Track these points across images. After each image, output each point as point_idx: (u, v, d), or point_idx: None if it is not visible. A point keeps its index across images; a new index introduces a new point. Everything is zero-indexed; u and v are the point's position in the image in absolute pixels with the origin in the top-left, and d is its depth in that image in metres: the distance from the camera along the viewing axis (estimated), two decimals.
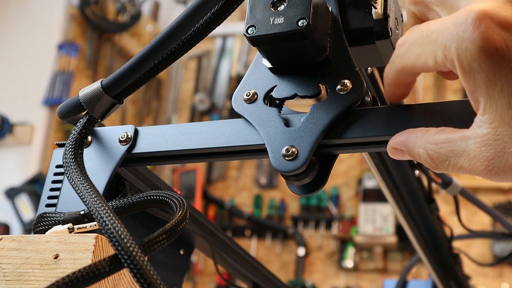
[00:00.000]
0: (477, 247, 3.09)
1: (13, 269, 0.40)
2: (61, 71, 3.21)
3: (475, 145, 0.31)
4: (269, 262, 3.46)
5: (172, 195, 0.42)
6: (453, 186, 0.85)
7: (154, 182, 0.55)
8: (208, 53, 4.14)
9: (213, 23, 0.43)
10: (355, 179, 3.46)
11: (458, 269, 1.04)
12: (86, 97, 0.47)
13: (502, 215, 1.04)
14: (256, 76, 0.45)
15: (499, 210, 3.04)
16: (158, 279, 0.33)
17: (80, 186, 0.41)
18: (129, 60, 0.45)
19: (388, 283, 1.25)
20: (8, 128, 3.02)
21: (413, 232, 0.83)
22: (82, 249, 0.39)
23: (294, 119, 0.42)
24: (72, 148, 0.45)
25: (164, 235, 0.36)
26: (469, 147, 0.32)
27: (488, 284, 3.00)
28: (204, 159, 0.47)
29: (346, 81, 0.41)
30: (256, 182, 3.69)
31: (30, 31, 3.27)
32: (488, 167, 0.31)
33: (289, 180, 0.42)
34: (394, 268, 3.24)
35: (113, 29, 3.58)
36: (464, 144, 0.32)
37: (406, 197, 0.79)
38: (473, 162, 0.31)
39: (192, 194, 3.61)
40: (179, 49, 0.44)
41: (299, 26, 0.40)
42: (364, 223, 3.14)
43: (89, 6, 3.39)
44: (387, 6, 0.43)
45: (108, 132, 0.50)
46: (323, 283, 3.36)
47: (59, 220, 0.45)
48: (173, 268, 0.65)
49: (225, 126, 0.45)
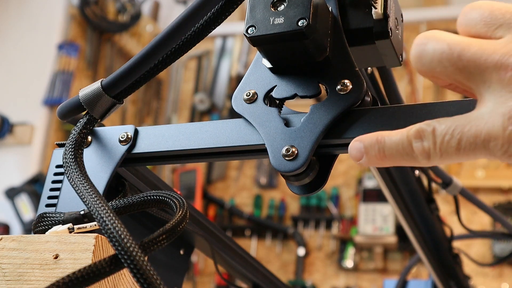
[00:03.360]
0: (477, 247, 3.09)
1: (13, 269, 0.40)
2: (61, 71, 3.21)
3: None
4: (269, 262, 3.46)
5: (172, 195, 0.42)
6: (453, 186, 0.85)
7: (154, 182, 0.55)
8: (208, 53, 4.14)
9: (213, 23, 0.43)
10: (355, 179, 3.46)
11: (458, 269, 1.04)
12: (86, 97, 0.47)
13: (502, 215, 1.04)
14: (256, 76, 0.45)
15: (499, 210, 3.04)
16: (158, 279, 0.33)
17: (80, 186, 0.41)
18: (129, 60, 0.45)
19: (388, 283, 1.25)
20: (8, 128, 3.02)
21: (413, 232, 0.83)
22: (82, 249, 0.39)
23: (294, 119, 0.42)
24: (72, 148, 0.45)
25: (164, 235, 0.36)
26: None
27: (488, 284, 3.00)
28: (204, 159, 0.47)
29: (346, 81, 0.41)
30: (256, 182, 3.69)
31: (30, 31, 3.27)
32: None
33: (289, 180, 0.42)
34: (394, 268, 3.24)
35: (113, 29, 3.58)
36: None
37: (406, 197, 0.79)
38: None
39: (192, 194, 3.61)
40: (179, 49, 0.44)
41: (299, 26, 0.40)
42: (364, 223, 3.14)
43: (89, 6, 3.39)
44: (387, 6, 0.43)
45: (108, 132, 0.50)
46: (323, 283, 3.36)
47: (59, 220, 0.45)
48: (173, 268, 0.65)
49: (225, 126, 0.45)
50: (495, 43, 0.31)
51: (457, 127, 0.31)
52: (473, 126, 0.31)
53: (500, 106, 0.30)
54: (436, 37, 0.33)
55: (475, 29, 0.33)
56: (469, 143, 0.31)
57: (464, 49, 0.31)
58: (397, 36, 0.45)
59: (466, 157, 0.31)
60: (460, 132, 0.31)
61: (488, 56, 0.31)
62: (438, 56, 0.32)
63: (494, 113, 0.30)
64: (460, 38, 0.32)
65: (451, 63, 0.32)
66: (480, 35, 0.33)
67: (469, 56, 0.31)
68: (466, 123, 0.31)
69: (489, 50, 0.31)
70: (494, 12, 0.32)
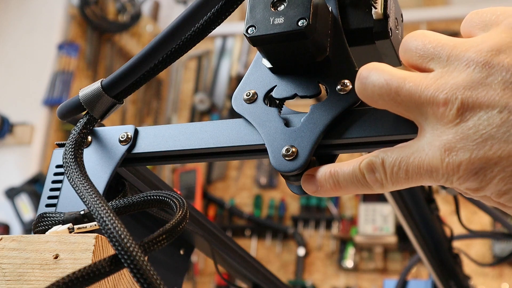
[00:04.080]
0: (477, 247, 3.09)
1: (13, 269, 0.40)
2: (61, 71, 3.21)
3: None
4: (269, 262, 3.46)
5: (172, 195, 0.42)
6: None
7: (154, 182, 0.55)
8: (208, 53, 4.14)
9: (213, 23, 0.43)
10: None
11: (458, 269, 1.04)
12: (86, 97, 0.47)
13: (502, 215, 1.04)
14: (256, 76, 0.45)
15: (499, 210, 3.03)
16: (158, 279, 0.33)
17: (80, 186, 0.41)
18: (129, 60, 0.45)
19: (388, 283, 1.25)
20: (8, 128, 3.02)
21: (413, 232, 0.83)
22: (82, 249, 0.39)
23: (294, 119, 0.42)
24: (72, 148, 0.45)
25: (164, 235, 0.36)
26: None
27: (488, 284, 3.00)
28: (204, 159, 0.47)
29: (346, 81, 0.41)
30: (256, 182, 3.69)
31: (30, 31, 3.27)
32: None
33: (289, 180, 0.42)
34: (394, 268, 3.24)
35: (113, 29, 3.58)
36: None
37: (406, 197, 0.79)
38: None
39: (192, 194, 3.61)
40: (179, 49, 0.44)
41: (299, 26, 0.40)
42: (364, 223, 3.14)
43: (89, 6, 3.39)
44: (387, 6, 0.43)
45: (108, 132, 0.50)
46: (323, 283, 3.36)
47: (59, 220, 0.45)
48: (173, 268, 0.65)
49: (225, 126, 0.45)
50: (428, 77, 0.33)
51: (403, 159, 0.34)
52: (416, 157, 0.33)
53: (436, 139, 0.32)
54: (377, 71, 0.35)
55: (412, 59, 0.35)
56: (415, 173, 0.33)
57: (400, 85, 0.33)
58: (397, 36, 0.45)
59: (415, 183, 0.34)
60: (405, 164, 0.33)
61: (422, 92, 0.32)
62: (378, 91, 0.34)
63: (432, 145, 0.32)
64: (397, 73, 0.34)
65: (390, 97, 0.34)
66: (417, 66, 0.35)
67: (405, 92, 0.33)
68: (410, 154, 0.33)
69: (422, 86, 0.33)
70: (426, 46, 0.34)
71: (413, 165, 0.33)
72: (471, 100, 0.31)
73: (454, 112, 0.31)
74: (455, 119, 0.31)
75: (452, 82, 0.31)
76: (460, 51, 0.32)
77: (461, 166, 0.31)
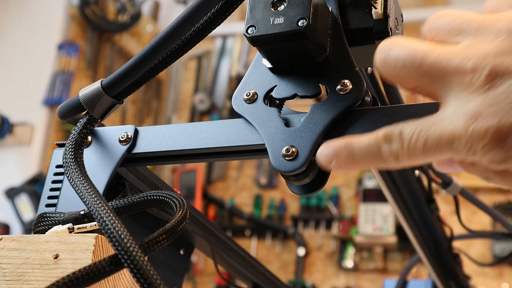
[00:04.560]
0: (477, 247, 3.09)
1: (13, 269, 0.40)
2: (61, 71, 3.21)
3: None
4: (269, 262, 3.46)
5: (172, 195, 0.42)
6: (453, 186, 0.85)
7: (154, 182, 0.55)
8: (208, 53, 4.14)
9: (213, 23, 0.43)
10: (355, 179, 3.46)
11: (458, 269, 1.04)
12: (86, 97, 0.47)
13: (502, 215, 1.04)
14: (256, 76, 0.45)
15: (499, 210, 3.04)
16: (158, 279, 0.33)
17: (80, 186, 0.41)
18: (129, 60, 0.45)
19: (388, 283, 1.25)
20: (8, 128, 3.02)
21: (413, 232, 0.83)
22: (82, 249, 0.39)
23: (294, 119, 0.42)
24: (72, 148, 0.45)
25: (164, 235, 0.36)
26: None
27: (488, 284, 3.00)
28: (204, 159, 0.47)
29: (346, 81, 0.41)
30: (256, 182, 3.69)
31: (30, 31, 3.27)
32: None
33: (289, 180, 0.42)
34: (394, 268, 3.24)
35: (113, 29, 3.58)
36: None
37: (406, 197, 0.79)
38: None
39: (192, 194, 3.61)
40: (179, 49, 0.44)
41: (299, 26, 0.40)
42: (364, 223, 3.14)
43: (89, 6, 3.39)
44: (387, 6, 0.43)
45: (108, 132, 0.50)
46: (323, 283, 3.36)
47: (59, 220, 0.45)
48: (173, 268, 0.65)
49: (225, 126, 0.45)
50: (455, 48, 0.33)
51: (423, 129, 0.33)
52: (437, 127, 0.32)
53: (461, 108, 0.31)
54: (400, 43, 0.34)
55: (438, 36, 0.35)
56: (435, 143, 0.32)
57: (426, 55, 0.33)
58: (397, 36, 0.45)
59: (433, 157, 0.33)
60: (425, 134, 0.32)
61: (448, 61, 0.32)
62: (401, 62, 0.34)
63: (456, 114, 0.31)
64: (422, 44, 0.34)
65: (413, 68, 0.33)
66: (442, 41, 0.34)
67: (430, 62, 0.33)
68: (431, 124, 0.33)
69: (448, 56, 0.32)
70: (454, 21, 0.34)
71: (434, 136, 0.32)
72: (502, 66, 0.30)
73: (483, 79, 0.31)
74: (484, 86, 0.31)
75: (481, 51, 0.31)
76: (489, 23, 0.32)
77: (488, 132, 0.30)
